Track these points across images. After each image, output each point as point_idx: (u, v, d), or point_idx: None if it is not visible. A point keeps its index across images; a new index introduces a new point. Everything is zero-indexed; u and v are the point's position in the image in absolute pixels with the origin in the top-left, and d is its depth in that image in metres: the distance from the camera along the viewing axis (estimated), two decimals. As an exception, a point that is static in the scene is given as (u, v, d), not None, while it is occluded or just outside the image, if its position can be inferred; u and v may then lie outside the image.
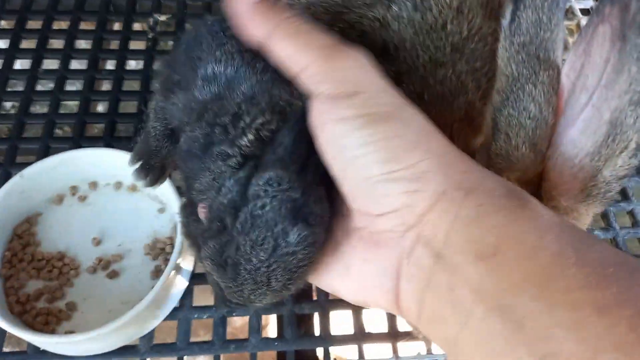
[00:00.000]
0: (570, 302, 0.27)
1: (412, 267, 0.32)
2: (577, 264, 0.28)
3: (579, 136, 0.40)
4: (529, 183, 0.43)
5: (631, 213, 0.74)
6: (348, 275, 0.36)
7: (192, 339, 0.59)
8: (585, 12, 0.93)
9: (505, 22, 0.40)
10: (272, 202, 0.33)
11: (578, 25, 0.91)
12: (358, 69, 0.35)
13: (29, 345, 0.57)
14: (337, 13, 0.49)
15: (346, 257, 0.36)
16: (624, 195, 0.75)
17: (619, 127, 0.38)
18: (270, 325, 0.74)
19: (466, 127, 0.47)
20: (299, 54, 0.35)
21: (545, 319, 0.27)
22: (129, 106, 0.75)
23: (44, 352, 0.56)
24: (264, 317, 0.61)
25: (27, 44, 0.80)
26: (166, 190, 0.59)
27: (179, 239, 0.56)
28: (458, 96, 0.46)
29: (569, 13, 0.93)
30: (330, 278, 0.37)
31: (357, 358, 0.60)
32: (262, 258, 0.32)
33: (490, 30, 0.47)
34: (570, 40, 0.90)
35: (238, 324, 0.61)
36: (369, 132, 0.33)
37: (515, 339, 0.27)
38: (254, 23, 0.37)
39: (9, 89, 0.76)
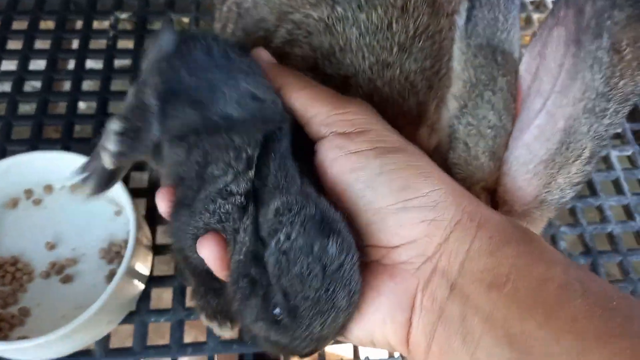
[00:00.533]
0: (576, 331, 0.28)
1: (426, 300, 0.33)
2: (582, 295, 0.29)
3: (533, 142, 0.39)
4: (490, 190, 0.42)
5: (599, 208, 0.73)
6: (357, 312, 0.35)
7: (149, 343, 0.58)
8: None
9: (460, 21, 0.39)
10: (294, 227, 0.30)
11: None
12: (364, 113, 0.38)
13: (-20, 352, 0.56)
14: (283, 13, 0.48)
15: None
16: (591, 190, 0.74)
17: (572, 135, 0.38)
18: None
19: (419, 128, 0.46)
20: (310, 104, 0.38)
21: (551, 347, 0.28)
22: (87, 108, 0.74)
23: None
24: (222, 319, 0.60)
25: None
26: (121, 193, 0.58)
27: (132, 241, 0.55)
28: (408, 97, 0.44)
29: (541, 6, 0.92)
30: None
31: (352, 358, 0.59)
32: (317, 286, 0.30)
33: (439, 28, 0.46)
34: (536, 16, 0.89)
35: (196, 326, 0.60)
36: (383, 161, 0.35)
37: None
38: (270, 76, 0.41)
39: (-34, 91, 0.74)
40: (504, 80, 0.39)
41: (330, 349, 0.60)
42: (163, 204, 0.40)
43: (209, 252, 0.35)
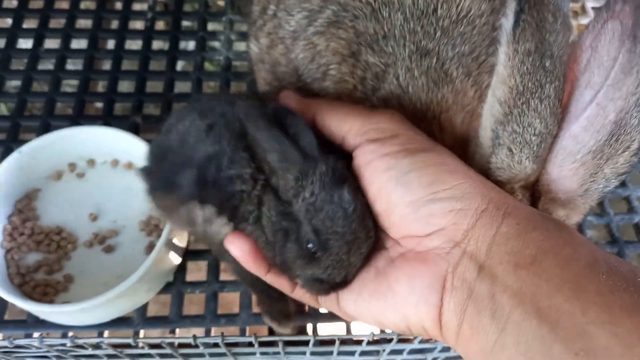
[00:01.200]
0: (602, 303, 0.29)
1: (456, 280, 0.35)
2: (608, 273, 0.31)
3: (581, 133, 0.39)
4: (530, 186, 0.43)
5: (627, 199, 0.73)
6: (393, 296, 0.38)
7: (185, 313, 0.61)
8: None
9: (507, 23, 0.38)
10: (315, 185, 0.37)
11: (582, 7, 0.90)
12: (393, 121, 0.41)
13: (29, 314, 0.59)
14: None
15: (390, 279, 0.38)
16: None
17: (623, 127, 0.38)
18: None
19: (459, 113, 0.46)
20: (343, 120, 0.42)
21: (579, 319, 0.29)
22: (127, 85, 0.76)
23: (43, 321, 0.58)
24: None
25: (29, 23, 0.81)
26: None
27: (171, 215, 0.57)
28: (442, 86, 0.45)
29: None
30: (372, 306, 0.39)
31: (345, 334, 0.62)
32: (341, 222, 0.37)
33: (480, 12, 0.46)
34: (574, 22, 0.88)
35: (229, 298, 0.63)
36: (413, 160, 0.38)
37: (551, 338, 0.29)
38: (303, 108, 0.45)
39: (12, 68, 0.77)
40: (551, 87, 0.38)
41: (324, 327, 0.62)
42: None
43: (239, 248, 0.39)
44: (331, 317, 0.62)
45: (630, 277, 0.31)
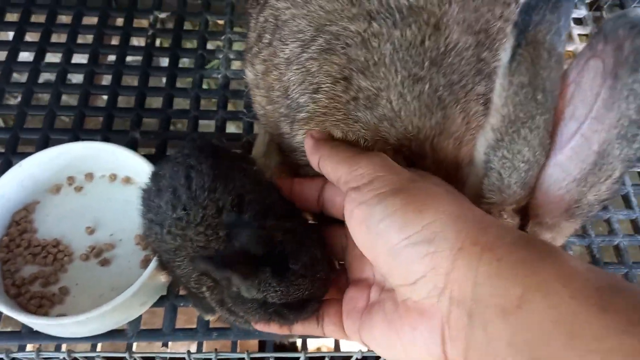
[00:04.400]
0: (601, 350, 0.27)
1: (452, 331, 0.35)
2: (605, 311, 0.28)
3: (566, 162, 0.42)
4: (520, 209, 0.45)
5: (608, 221, 0.76)
6: (401, 344, 0.39)
7: (178, 326, 0.62)
8: (577, 21, 0.95)
9: (505, 57, 0.40)
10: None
11: (569, 35, 0.93)
12: (373, 164, 0.42)
13: (24, 326, 0.60)
14: (321, 25, 0.51)
15: (397, 327, 0.40)
16: (601, 203, 0.77)
17: (605, 157, 0.40)
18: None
19: (447, 139, 0.49)
20: (335, 168, 0.45)
21: None
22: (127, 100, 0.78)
23: (37, 333, 0.59)
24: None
25: (31, 36, 0.83)
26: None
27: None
28: (435, 111, 0.47)
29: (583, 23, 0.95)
30: (389, 347, 0.41)
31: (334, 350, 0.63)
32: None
33: (467, 45, 0.49)
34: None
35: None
36: (384, 206, 0.39)
37: None
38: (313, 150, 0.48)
39: (12, 81, 0.79)
40: (542, 119, 0.40)
41: (314, 341, 0.64)
42: None
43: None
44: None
45: (628, 313, 0.28)
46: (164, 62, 0.83)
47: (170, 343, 0.63)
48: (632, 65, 0.38)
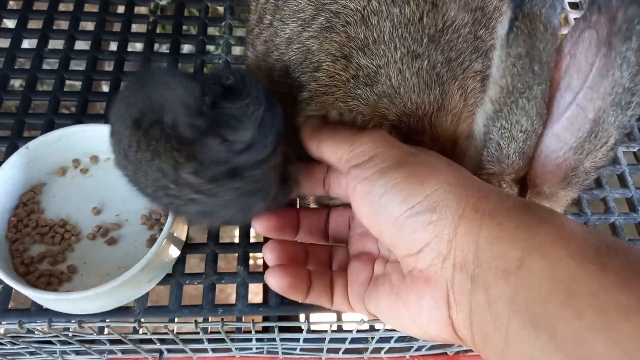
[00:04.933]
0: (597, 306, 0.28)
1: (457, 296, 0.36)
2: (602, 269, 0.29)
3: (563, 132, 0.43)
4: (519, 179, 0.47)
5: (604, 200, 0.78)
6: (409, 314, 0.40)
7: (184, 303, 0.64)
8: (573, 5, 0.96)
9: (502, 30, 0.42)
10: None
11: (565, 18, 0.94)
12: (373, 140, 0.43)
13: (33, 303, 0.61)
14: (321, 4, 0.52)
15: (404, 298, 0.41)
16: (597, 182, 0.78)
17: (601, 125, 0.42)
18: (257, 296, 0.78)
19: (445, 115, 0.50)
20: (335, 151, 0.45)
21: (575, 324, 0.28)
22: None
23: (46, 310, 0.61)
24: (250, 287, 0.66)
25: (34, 24, 0.84)
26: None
27: (172, 209, 0.60)
28: (433, 88, 0.49)
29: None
30: (396, 317, 0.42)
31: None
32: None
33: (464, 22, 0.50)
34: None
35: (227, 290, 0.66)
36: (385, 180, 0.39)
37: (550, 347, 0.29)
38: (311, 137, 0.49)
39: (16, 67, 0.80)
40: (539, 89, 0.41)
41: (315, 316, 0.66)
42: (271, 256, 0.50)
43: (277, 283, 0.48)
44: (324, 308, 0.65)
45: (623, 271, 0.29)
46: (165, 48, 0.84)
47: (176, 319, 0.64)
48: (625, 34, 0.40)
